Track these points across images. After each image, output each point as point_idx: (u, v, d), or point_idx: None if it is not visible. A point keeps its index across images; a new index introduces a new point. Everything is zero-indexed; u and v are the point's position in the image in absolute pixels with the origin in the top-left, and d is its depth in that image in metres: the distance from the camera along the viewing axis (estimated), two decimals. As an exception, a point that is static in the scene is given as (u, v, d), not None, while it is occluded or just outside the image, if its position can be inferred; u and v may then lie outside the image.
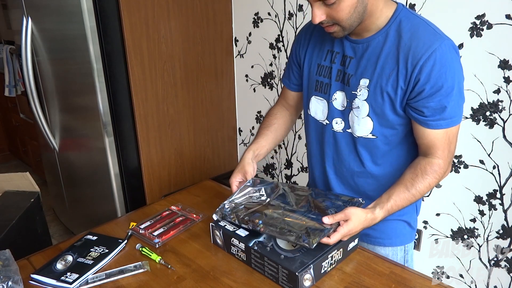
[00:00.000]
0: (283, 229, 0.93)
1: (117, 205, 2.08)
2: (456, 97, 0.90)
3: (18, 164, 3.80)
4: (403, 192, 0.95)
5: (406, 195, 0.95)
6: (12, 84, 3.10)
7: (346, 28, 0.91)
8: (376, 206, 0.94)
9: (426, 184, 0.95)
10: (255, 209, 1.03)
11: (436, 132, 0.93)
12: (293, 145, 2.30)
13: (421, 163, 0.96)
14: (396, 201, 0.94)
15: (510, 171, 1.51)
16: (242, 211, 1.03)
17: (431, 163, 0.95)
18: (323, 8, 0.89)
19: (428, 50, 0.87)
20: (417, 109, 0.92)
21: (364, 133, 1.00)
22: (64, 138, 2.30)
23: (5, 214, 1.54)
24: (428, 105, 0.90)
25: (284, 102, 1.26)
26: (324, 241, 0.89)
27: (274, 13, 2.13)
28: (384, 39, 0.93)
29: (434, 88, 0.88)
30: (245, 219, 0.99)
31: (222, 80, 2.39)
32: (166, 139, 2.17)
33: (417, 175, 0.95)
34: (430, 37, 0.89)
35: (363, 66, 0.96)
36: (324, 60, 1.05)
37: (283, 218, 0.97)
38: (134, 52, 1.90)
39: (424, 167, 0.95)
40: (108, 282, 0.95)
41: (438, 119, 0.91)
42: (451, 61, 0.88)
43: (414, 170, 0.96)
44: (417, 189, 0.95)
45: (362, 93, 0.97)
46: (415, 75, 0.89)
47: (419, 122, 0.94)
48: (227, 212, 1.04)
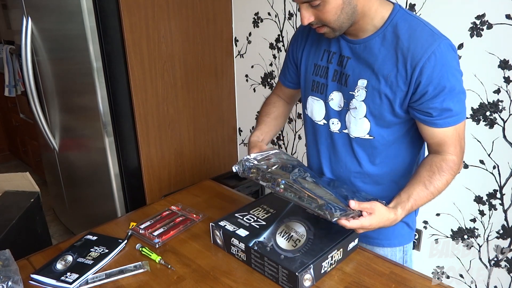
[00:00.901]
0: (303, 197, 0.89)
1: (117, 205, 2.07)
2: (459, 94, 0.90)
3: (18, 164, 3.80)
4: (422, 190, 0.92)
5: (425, 194, 0.93)
6: (12, 84, 3.10)
7: (336, 29, 0.92)
8: (397, 206, 0.91)
9: (443, 181, 0.93)
10: (278, 172, 0.97)
11: (445, 130, 0.92)
12: (293, 145, 2.30)
13: (435, 161, 0.95)
14: (416, 201, 0.92)
15: (510, 171, 1.51)
16: (264, 169, 0.97)
17: (445, 160, 0.94)
18: (310, 10, 0.90)
19: (427, 51, 0.87)
20: (423, 111, 0.92)
21: (361, 134, 1.00)
22: (64, 138, 2.30)
23: (5, 214, 1.53)
24: (433, 106, 0.90)
25: (280, 93, 1.27)
26: (341, 222, 0.86)
27: (274, 13, 2.13)
28: (382, 40, 0.93)
29: (437, 89, 0.88)
30: (267, 176, 0.95)
31: (222, 80, 2.39)
32: (166, 139, 2.17)
33: (434, 172, 0.93)
34: (428, 38, 0.88)
35: (361, 66, 0.96)
36: (320, 60, 1.05)
37: (306, 187, 0.91)
38: (134, 52, 1.90)
39: (439, 164, 0.94)
40: (108, 282, 0.95)
41: (445, 117, 0.91)
42: (451, 60, 0.89)
43: (430, 168, 0.94)
44: (436, 187, 0.93)
45: (359, 94, 0.96)
46: (415, 77, 0.89)
47: (427, 123, 0.93)
48: (248, 166, 0.98)
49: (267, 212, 1.11)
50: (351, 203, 0.87)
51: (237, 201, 1.32)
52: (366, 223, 0.87)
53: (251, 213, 1.10)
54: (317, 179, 0.98)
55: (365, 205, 0.88)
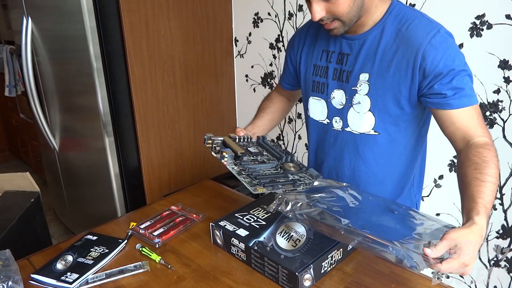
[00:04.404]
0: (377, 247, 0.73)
1: (117, 205, 2.08)
2: (468, 78, 0.88)
3: (18, 164, 3.80)
4: (481, 185, 0.78)
5: (487, 185, 0.78)
6: (12, 84, 3.10)
7: (346, 23, 0.91)
8: (470, 217, 0.74)
9: (492, 166, 0.81)
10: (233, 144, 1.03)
11: (464, 112, 0.87)
12: (293, 145, 2.30)
13: (470, 153, 0.83)
14: (484, 197, 0.76)
15: (510, 171, 1.51)
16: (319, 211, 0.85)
17: (478, 145, 0.84)
18: (322, 3, 0.89)
19: (427, 37, 0.87)
20: (434, 93, 0.88)
21: (365, 129, 1.00)
22: (64, 138, 2.30)
23: (5, 214, 1.53)
24: (444, 86, 0.87)
25: (280, 90, 1.31)
26: (434, 267, 0.70)
27: (274, 13, 2.13)
28: (381, 33, 0.93)
29: (445, 70, 0.86)
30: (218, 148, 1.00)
31: (222, 80, 2.39)
32: (166, 139, 2.17)
33: (478, 163, 0.81)
34: (426, 26, 0.90)
35: (361, 61, 0.96)
36: (319, 60, 1.05)
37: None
38: (134, 52, 1.90)
39: (477, 152, 0.82)
40: (108, 282, 0.95)
41: (459, 97, 0.86)
42: (452, 44, 0.89)
43: (470, 163, 0.82)
44: (490, 174, 0.80)
45: (362, 88, 0.96)
46: (418, 64, 0.88)
47: (442, 105, 0.88)
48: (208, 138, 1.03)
49: (267, 212, 1.11)
50: (427, 252, 0.68)
51: (237, 201, 1.32)
52: (459, 262, 0.69)
53: (251, 213, 1.10)
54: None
55: (443, 245, 0.69)
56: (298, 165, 1.00)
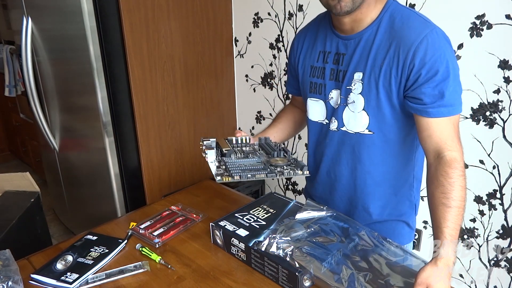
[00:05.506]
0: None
1: (117, 205, 2.08)
2: (453, 84, 0.88)
3: (18, 164, 3.80)
4: (447, 212, 0.84)
5: (452, 211, 0.84)
6: (12, 84, 3.10)
7: None
8: (436, 245, 0.83)
9: (458, 188, 0.85)
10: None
11: (439, 121, 0.89)
12: (293, 145, 2.30)
13: (438, 171, 0.88)
14: (449, 225, 0.84)
15: (510, 171, 1.51)
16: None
17: (447, 163, 0.87)
18: None
19: (419, 36, 0.87)
20: (415, 97, 0.90)
21: (360, 129, 1.00)
22: (64, 138, 2.30)
23: (5, 214, 1.54)
24: (425, 91, 0.88)
25: (293, 101, 1.30)
26: None
27: (274, 13, 2.13)
28: (376, 32, 0.94)
29: (430, 73, 0.87)
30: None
31: (222, 80, 2.39)
32: (166, 139, 2.17)
33: (444, 185, 0.86)
34: (421, 25, 0.89)
35: (356, 60, 0.96)
36: (316, 61, 1.06)
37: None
38: (134, 52, 1.90)
39: (444, 172, 0.86)
40: (108, 282, 0.95)
41: (438, 106, 0.88)
42: (444, 46, 0.88)
43: (438, 182, 0.87)
44: (455, 198, 0.85)
45: (356, 87, 0.97)
46: (408, 62, 0.88)
47: (419, 112, 0.90)
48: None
49: (267, 212, 1.11)
50: None
51: (237, 201, 1.33)
52: None
53: (251, 213, 1.10)
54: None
55: None
56: (288, 159, 0.97)
